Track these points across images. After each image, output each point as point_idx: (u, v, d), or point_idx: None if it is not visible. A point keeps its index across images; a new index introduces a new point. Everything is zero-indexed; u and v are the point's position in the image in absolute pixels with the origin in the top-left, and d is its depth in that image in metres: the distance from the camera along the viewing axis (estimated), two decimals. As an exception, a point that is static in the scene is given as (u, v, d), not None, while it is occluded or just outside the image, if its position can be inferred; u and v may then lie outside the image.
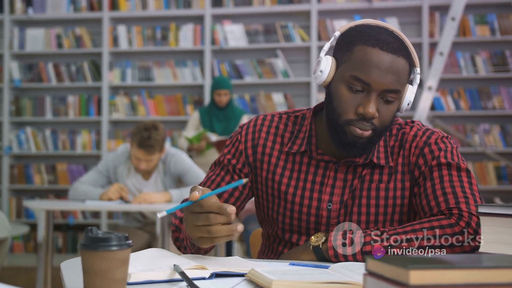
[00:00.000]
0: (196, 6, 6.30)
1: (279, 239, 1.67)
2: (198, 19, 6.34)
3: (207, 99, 6.16)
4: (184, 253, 1.58)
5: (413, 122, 1.65)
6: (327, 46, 1.58)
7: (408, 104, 1.54)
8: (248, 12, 6.25)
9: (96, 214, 6.36)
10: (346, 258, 1.42)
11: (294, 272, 1.18)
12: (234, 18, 6.33)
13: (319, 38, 6.11)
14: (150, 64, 6.36)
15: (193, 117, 5.39)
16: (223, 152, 1.72)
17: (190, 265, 1.25)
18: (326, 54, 1.57)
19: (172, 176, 3.73)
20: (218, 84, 5.37)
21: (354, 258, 1.41)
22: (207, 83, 6.17)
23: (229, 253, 5.04)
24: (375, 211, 1.57)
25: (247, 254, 4.49)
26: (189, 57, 6.36)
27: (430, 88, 4.83)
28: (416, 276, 0.82)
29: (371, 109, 1.46)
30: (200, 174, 3.75)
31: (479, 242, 1.25)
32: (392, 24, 5.99)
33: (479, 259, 0.92)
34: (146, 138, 3.52)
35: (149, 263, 1.25)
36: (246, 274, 1.23)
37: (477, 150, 5.74)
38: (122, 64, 6.41)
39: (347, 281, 1.07)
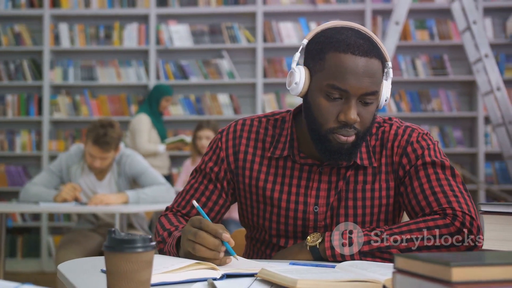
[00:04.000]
0: (141, 5, 6.24)
1: (267, 242, 1.66)
2: (143, 19, 6.27)
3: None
4: None
5: (390, 119, 1.66)
6: (297, 56, 1.56)
7: (386, 100, 1.55)
8: (193, 12, 6.23)
9: (36, 217, 6.19)
10: (343, 258, 1.44)
11: (307, 271, 1.20)
12: (179, 18, 6.30)
13: (265, 40, 6.16)
14: (93, 63, 6.25)
15: (145, 121, 5.33)
16: (203, 159, 1.71)
17: (200, 265, 1.25)
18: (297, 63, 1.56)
19: (127, 177, 3.68)
20: (169, 90, 5.56)
21: (352, 258, 1.44)
22: (152, 83, 6.11)
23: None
24: (362, 212, 1.58)
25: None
26: (133, 56, 6.29)
27: (375, 91, 4.95)
28: (458, 273, 0.85)
29: (353, 115, 1.46)
30: (156, 175, 3.70)
31: (478, 242, 1.30)
32: (336, 27, 6.10)
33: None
34: (102, 135, 3.46)
35: (164, 264, 1.24)
36: (256, 274, 1.24)
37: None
38: (64, 63, 6.27)
39: (369, 279, 1.10)
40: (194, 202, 1.45)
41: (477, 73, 5.40)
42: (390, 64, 1.56)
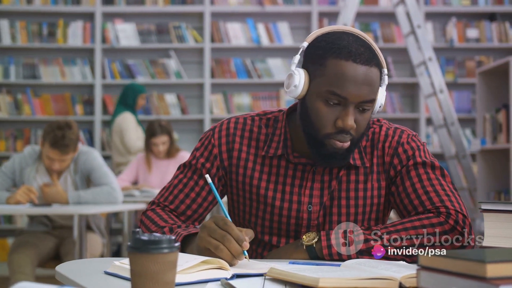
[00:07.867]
0: (86, 3, 6.12)
1: (258, 241, 1.67)
2: (88, 17, 6.16)
3: (98, 99, 6.02)
4: None
5: (379, 121, 1.70)
6: (296, 59, 1.56)
7: (380, 106, 1.58)
8: (140, 11, 6.17)
9: (-25, 219, 5.99)
10: (340, 257, 1.46)
11: (320, 270, 1.22)
12: (126, 16, 6.22)
13: (212, 40, 6.16)
14: (36, 61, 6.09)
15: (130, 119, 5.37)
16: (194, 155, 1.70)
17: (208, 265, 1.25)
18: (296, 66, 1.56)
19: (83, 174, 3.59)
20: (143, 88, 5.57)
21: (349, 257, 1.46)
22: (98, 83, 6.01)
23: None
24: (354, 211, 1.61)
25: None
26: (78, 55, 6.16)
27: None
28: (493, 269, 0.89)
29: (350, 121, 1.49)
30: (107, 174, 3.59)
31: (476, 240, 1.34)
32: (283, 29, 6.17)
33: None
34: (60, 137, 3.36)
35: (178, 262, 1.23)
36: (265, 273, 1.25)
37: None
38: (4, 61, 6.09)
39: (386, 276, 1.12)
40: (207, 177, 1.45)
41: (420, 76, 5.55)
42: (385, 71, 1.58)
